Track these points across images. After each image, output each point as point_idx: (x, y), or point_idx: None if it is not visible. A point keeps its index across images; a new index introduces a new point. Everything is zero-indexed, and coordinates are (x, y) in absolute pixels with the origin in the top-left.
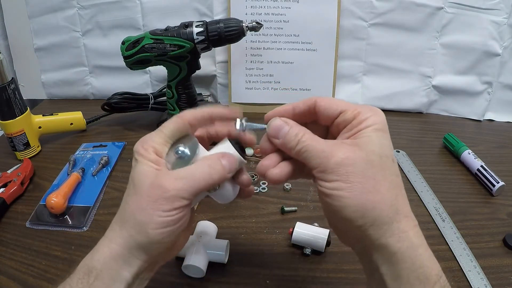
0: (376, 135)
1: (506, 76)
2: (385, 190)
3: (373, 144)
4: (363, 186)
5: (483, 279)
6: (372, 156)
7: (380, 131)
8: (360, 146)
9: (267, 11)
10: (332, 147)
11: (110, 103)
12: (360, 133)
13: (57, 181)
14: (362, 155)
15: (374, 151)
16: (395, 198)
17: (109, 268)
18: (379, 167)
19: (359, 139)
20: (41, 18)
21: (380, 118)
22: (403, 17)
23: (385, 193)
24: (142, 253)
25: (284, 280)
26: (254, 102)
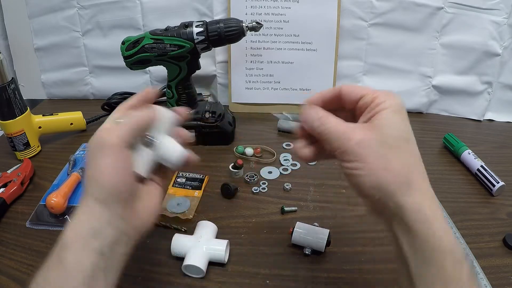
0: (391, 117)
1: (506, 76)
2: (398, 167)
3: (387, 126)
4: (377, 165)
5: (483, 279)
6: (386, 137)
7: (395, 113)
8: (375, 128)
9: (267, 11)
10: (351, 129)
11: (110, 103)
12: (377, 116)
13: (57, 181)
14: (376, 136)
15: (388, 132)
16: (408, 174)
17: (78, 239)
18: (392, 147)
19: (375, 122)
20: (41, 18)
21: (396, 101)
22: (403, 17)
23: (397, 170)
24: (104, 211)
25: (284, 280)
26: (254, 102)
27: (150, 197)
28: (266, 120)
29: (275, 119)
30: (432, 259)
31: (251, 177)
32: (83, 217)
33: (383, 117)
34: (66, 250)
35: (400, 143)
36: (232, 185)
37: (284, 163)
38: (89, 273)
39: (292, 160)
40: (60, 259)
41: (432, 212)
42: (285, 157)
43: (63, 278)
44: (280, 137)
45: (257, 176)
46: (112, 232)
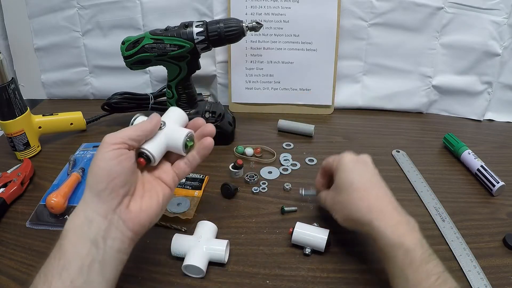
0: (338, 177)
1: (506, 76)
2: (355, 209)
3: (338, 185)
4: (342, 211)
5: (483, 279)
6: (340, 192)
7: (340, 172)
8: (334, 189)
9: (267, 11)
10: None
11: (110, 103)
12: (334, 180)
13: (57, 181)
14: (335, 194)
15: (339, 189)
16: (365, 210)
17: (74, 226)
18: (346, 197)
19: (333, 186)
20: (41, 18)
21: (340, 164)
22: (403, 17)
23: (355, 211)
24: (96, 202)
25: (284, 280)
26: (254, 102)
27: (152, 197)
28: (266, 120)
29: (275, 120)
30: (387, 253)
31: (251, 177)
32: (80, 207)
33: (335, 180)
34: (64, 238)
35: (348, 192)
36: (232, 185)
37: (284, 163)
38: (85, 262)
39: (292, 160)
40: (60, 246)
41: (396, 237)
42: (285, 157)
43: (62, 265)
44: (280, 137)
45: (257, 176)
46: (105, 224)
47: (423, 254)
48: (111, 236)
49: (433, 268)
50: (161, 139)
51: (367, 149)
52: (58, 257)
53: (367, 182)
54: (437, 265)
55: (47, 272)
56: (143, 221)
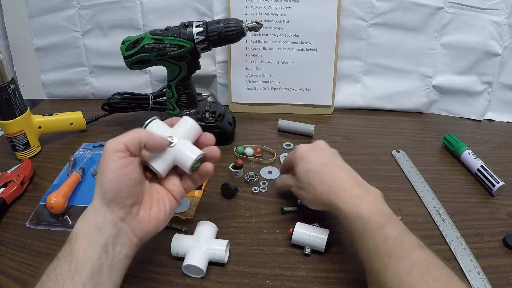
0: (297, 168)
1: (506, 76)
2: (317, 193)
3: (298, 175)
4: (307, 197)
5: (483, 279)
6: (301, 181)
7: (297, 162)
8: (296, 179)
9: (267, 11)
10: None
11: (110, 103)
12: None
13: (57, 181)
14: (298, 183)
15: (300, 178)
16: (326, 193)
17: (84, 232)
18: (307, 185)
19: (295, 176)
20: (41, 18)
21: (295, 156)
22: (403, 17)
23: (318, 195)
24: (106, 211)
25: (284, 280)
26: (254, 102)
27: (160, 207)
28: (266, 120)
29: (275, 120)
30: (347, 224)
31: (251, 177)
32: (90, 213)
33: (295, 171)
34: (75, 242)
35: (309, 179)
36: (232, 185)
37: None
38: (96, 266)
39: None
40: (71, 250)
41: (353, 210)
42: (285, 157)
43: (74, 269)
44: (280, 137)
45: (257, 176)
46: (113, 231)
47: (379, 220)
48: (119, 243)
49: (390, 231)
50: (169, 156)
51: (367, 149)
52: (69, 260)
53: (322, 166)
54: (394, 227)
55: (58, 274)
56: (150, 230)
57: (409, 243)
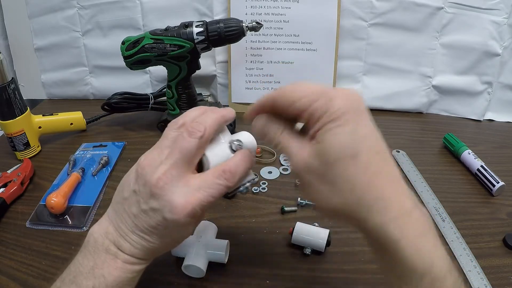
0: (330, 136)
1: (506, 76)
2: (346, 193)
3: (330, 148)
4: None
5: (483, 279)
6: (328, 163)
7: (337, 127)
8: (317, 153)
9: (267, 11)
10: (299, 151)
11: (110, 103)
12: (318, 135)
13: (57, 181)
14: (318, 163)
15: (329, 157)
16: (359, 200)
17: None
18: (335, 173)
19: (317, 145)
20: (41, 18)
21: (336, 108)
22: (403, 17)
23: (344, 198)
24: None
25: (284, 280)
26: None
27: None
28: None
29: None
30: (404, 277)
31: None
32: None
33: (323, 138)
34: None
35: (343, 166)
36: None
37: (284, 163)
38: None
39: None
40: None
41: (399, 232)
42: (285, 157)
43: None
44: None
45: (257, 176)
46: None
47: (455, 284)
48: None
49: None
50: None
51: None
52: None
53: (376, 156)
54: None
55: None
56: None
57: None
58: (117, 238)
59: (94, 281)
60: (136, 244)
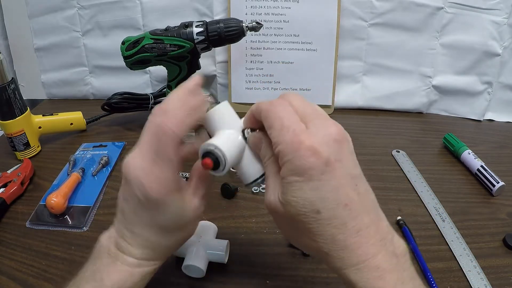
0: (297, 189)
1: (506, 76)
2: (309, 240)
3: (291, 201)
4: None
5: (483, 279)
6: (290, 214)
7: (304, 182)
8: (282, 201)
9: (267, 11)
10: (272, 189)
11: (110, 103)
12: (284, 183)
13: (57, 181)
14: (283, 211)
15: (291, 210)
16: (319, 248)
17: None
18: (297, 224)
19: (282, 194)
20: (41, 18)
21: (303, 162)
22: (403, 17)
23: (307, 242)
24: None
25: (284, 280)
26: (254, 102)
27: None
28: None
29: None
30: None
31: None
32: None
33: (286, 190)
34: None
35: (307, 219)
36: (232, 185)
37: None
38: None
39: None
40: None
41: (358, 276)
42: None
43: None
44: None
45: None
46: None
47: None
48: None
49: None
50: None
51: (367, 149)
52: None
53: (340, 208)
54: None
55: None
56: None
57: None
58: (117, 239)
59: (94, 284)
60: (132, 241)
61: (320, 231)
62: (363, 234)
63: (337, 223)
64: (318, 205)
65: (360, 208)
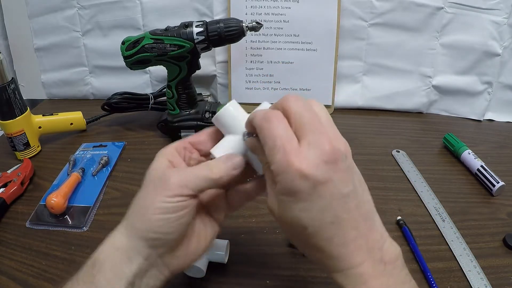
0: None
1: (506, 76)
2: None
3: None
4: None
5: (483, 279)
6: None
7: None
8: (276, 211)
9: (267, 11)
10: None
11: (110, 103)
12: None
13: (57, 181)
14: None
15: (282, 222)
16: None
17: (111, 260)
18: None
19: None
20: (41, 18)
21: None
22: (403, 17)
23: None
24: (143, 246)
25: (284, 280)
26: (254, 102)
27: (201, 241)
28: None
29: None
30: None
31: None
32: (119, 239)
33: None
34: (99, 271)
35: (296, 232)
36: None
37: None
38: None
39: None
40: (93, 279)
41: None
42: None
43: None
44: None
45: None
46: (145, 264)
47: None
48: (148, 275)
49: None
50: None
51: (367, 149)
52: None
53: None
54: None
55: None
56: (186, 265)
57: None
58: None
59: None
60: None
61: (308, 242)
62: (348, 246)
63: (324, 237)
64: (306, 223)
65: (347, 224)
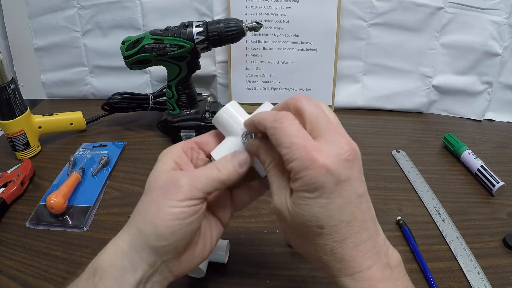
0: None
1: (506, 76)
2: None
3: (299, 214)
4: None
5: (483, 279)
6: (295, 223)
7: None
8: (290, 210)
9: (267, 11)
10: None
11: (110, 103)
12: (294, 196)
13: (57, 181)
14: (289, 218)
15: (297, 220)
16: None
17: (114, 268)
18: (301, 233)
19: (292, 204)
20: (41, 18)
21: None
22: (403, 17)
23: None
24: (148, 253)
25: (284, 280)
26: (254, 102)
27: (206, 244)
28: None
29: None
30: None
31: None
32: (122, 246)
33: (296, 202)
34: (101, 279)
35: (311, 231)
36: None
37: None
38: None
39: None
40: (95, 285)
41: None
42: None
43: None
44: None
45: None
46: (150, 271)
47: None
48: (152, 280)
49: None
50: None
51: (367, 149)
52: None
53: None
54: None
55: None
56: (189, 269)
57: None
58: None
59: None
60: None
61: (320, 243)
62: (360, 249)
63: (338, 238)
64: (323, 221)
65: (361, 225)
